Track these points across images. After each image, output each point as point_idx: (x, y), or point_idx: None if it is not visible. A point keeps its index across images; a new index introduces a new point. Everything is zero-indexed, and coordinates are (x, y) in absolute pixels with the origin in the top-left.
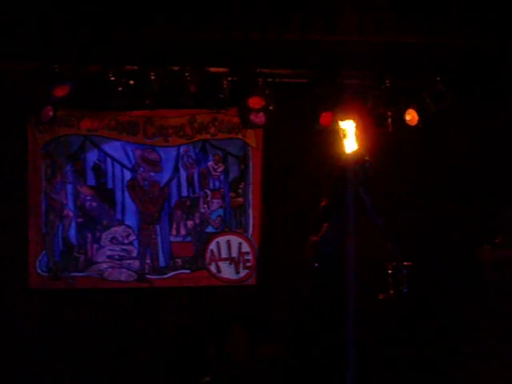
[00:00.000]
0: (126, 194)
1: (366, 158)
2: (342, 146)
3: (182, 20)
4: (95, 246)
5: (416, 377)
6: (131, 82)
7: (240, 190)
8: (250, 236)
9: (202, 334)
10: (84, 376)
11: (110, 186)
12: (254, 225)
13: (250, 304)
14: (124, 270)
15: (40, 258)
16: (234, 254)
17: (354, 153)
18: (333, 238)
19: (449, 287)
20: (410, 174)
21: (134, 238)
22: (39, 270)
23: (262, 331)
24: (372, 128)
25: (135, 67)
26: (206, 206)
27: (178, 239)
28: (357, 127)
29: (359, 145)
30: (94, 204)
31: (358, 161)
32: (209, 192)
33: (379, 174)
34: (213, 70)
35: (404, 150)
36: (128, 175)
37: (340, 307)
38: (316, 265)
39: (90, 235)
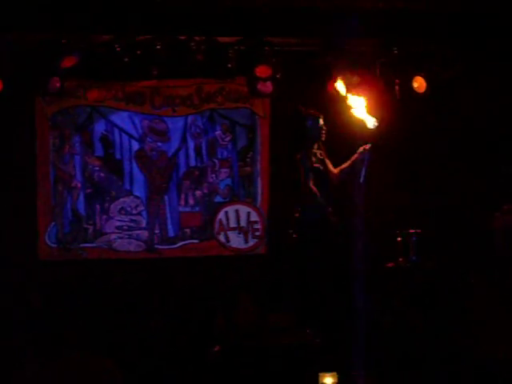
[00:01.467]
0: (134, 165)
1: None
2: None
3: None
4: (104, 216)
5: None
6: (138, 53)
7: (248, 159)
8: (258, 205)
9: (210, 304)
10: (94, 346)
11: (117, 156)
12: (262, 194)
13: (259, 273)
14: (133, 240)
15: (49, 229)
16: (243, 223)
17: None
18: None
19: (458, 255)
20: (418, 141)
21: (143, 208)
22: (48, 242)
23: (271, 300)
24: (381, 96)
25: (142, 37)
26: (214, 175)
27: (187, 209)
28: (368, 101)
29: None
30: (102, 175)
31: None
32: (217, 161)
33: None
34: (220, 39)
35: (413, 116)
36: (136, 146)
37: (349, 276)
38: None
39: (98, 206)
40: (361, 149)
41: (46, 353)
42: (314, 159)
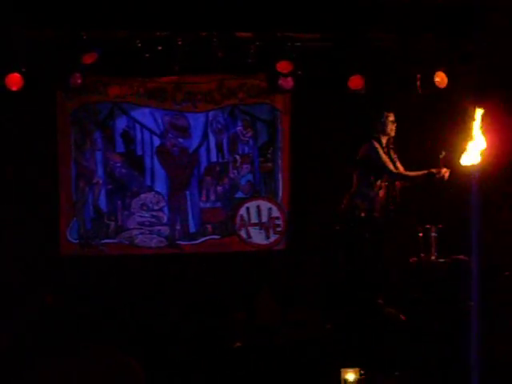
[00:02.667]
0: (156, 161)
1: None
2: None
3: None
4: (125, 212)
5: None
6: (159, 48)
7: (269, 155)
8: (279, 201)
9: (232, 300)
10: (115, 341)
11: (139, 152)
12: (283, 190)
13: (280, 269)
14: (154, 236)
15: (71, 225)
16: (264, 219)
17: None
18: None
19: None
20: (439, 135)
21: (164, 204)
22: (70, 238)
23: (292, 296)
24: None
25: (162, 33)
26: (235, 171)
27: (208, 205)
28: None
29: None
30: (123, 171)
31: None
32: (238, 157)
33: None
34: (240, 34)
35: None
36: (157, 141)
37: (371, 271)
38: (337, 228)
39: (119, 202)
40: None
41: (67, 349)
42: (381, 152)
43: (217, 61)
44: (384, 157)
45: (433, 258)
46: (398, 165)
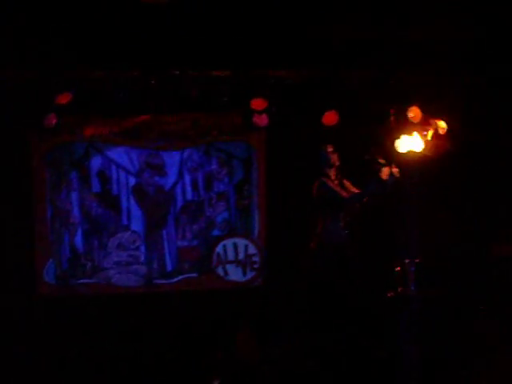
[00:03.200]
0: (132, 200)
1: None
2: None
3: (183, 24)
4: (102, 252)
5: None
6: (133, 88)
7: (245, 192)
8: (256, 238)
9: (210, 337)
10: (93, 381)
11: (115, 192)
12: (259, 226)
13: (258, 306)
14: (131, 275)
15: (47, 266)
16: (241, 256)
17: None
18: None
19: (459, 283)
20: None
21: (141, 243)
22: (47, 278)
23: (270, 332)
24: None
25: (137, 73)
26: (211, 209)
27: (185, 243)
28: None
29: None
30: (99, 210)
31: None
32: (214, 195)
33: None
34: (214, 73)
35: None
36: (133, 181)
37: (347, 306)
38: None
39: (96, 242)
40: (387, 170)
41: None
42: (332, 184)
43: (191, 99)
44: (333, 187)
45: (410, 292)
46: (354, 190)
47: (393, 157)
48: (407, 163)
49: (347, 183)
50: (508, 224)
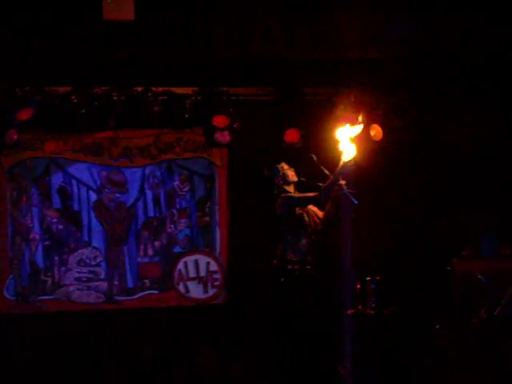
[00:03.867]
0: (93, 216)
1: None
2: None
3: (144, 41)
4: (62, 268)
5: None
6: (95, 104)
7: (207, 209)
8: (217, 255)
9: (172, 354)
10: None
11: (75, 208)
12: (221, 243)
13: (220, 323)
14: (92, 291)
15: (7, 282)
16: (202, 273)
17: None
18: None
19: (418, 300)
20: (376, 186)
21: (102, 259)
22: (7, 295)
23: (231, 350)
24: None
25: (98, 89)
26: (172, 225)
27: (146, 260)
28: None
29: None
30: (60, 226)
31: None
32: (175, 212)
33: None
34: (177, 89)
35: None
36: (94, 197)
37: (310, 322)
38: (282, 280)
39: (57, 258)
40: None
41: None
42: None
43: (153, 115)
44: (298, 194)
45: (368, 310)
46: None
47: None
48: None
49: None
50: (470, 240)
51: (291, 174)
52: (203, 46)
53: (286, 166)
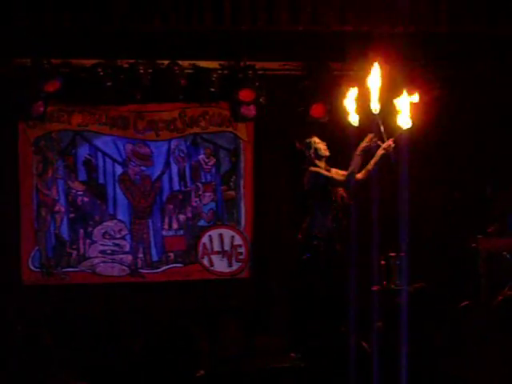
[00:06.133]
0: (118, 189)
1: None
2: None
3: (172, 14)
4: (87, 241)
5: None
6: (121, 77)
7: (231, 183)
8: (242, 229)
9: (195, 328)
10: (77, 370)
11: (101, 180)
12: (246, 218)
13: (244, 297)
14: (116, 264)
15: (33, 254)
16: (227, 247)
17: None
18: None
19: (443, 277)
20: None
21: (127, 232)
22: (32, 267)
23: (255, 324)
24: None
25: (125, 62)
26: (197, 199)
27: (171, 233)
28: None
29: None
30: (85, 199)
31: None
32: (200, 185)
33: None
34: (203, 63)
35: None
36: (119, 170)
37: (334, 298)
38: (305, 256)
39: (82, 230)
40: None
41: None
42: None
43: (179, 89)
44: (327, 173)
45: (393, 286)
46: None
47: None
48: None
49: (335, 171)
50: (496, 217)
51: (323, 148)
52: (230, 18)
53: (317, 140)
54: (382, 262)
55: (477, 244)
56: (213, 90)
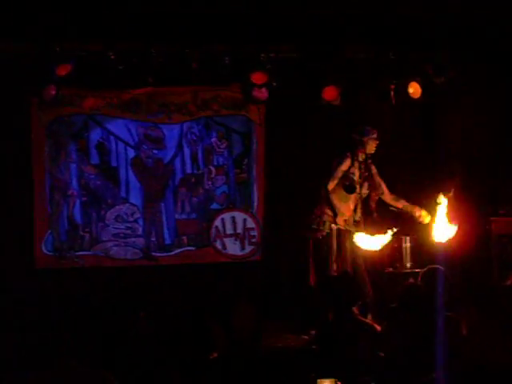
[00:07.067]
0: (130, 172)
1: None
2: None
3: None
4: (100, 224)
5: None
6: (133, 60)
7: (244, 166)
8: (254, 212)
9: (207, 311)
10: (91, 353)
11: (113, 164)
12: (258, 201)
13: (256, 280)
14: (129, 247)
15: (46, 237)
16: (239, 230)
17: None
18: None
19: (455, 258)
20: (414, 145)
21: (139, 215)
22: (45, 250)
23: (268, 306)
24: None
25: (137, 45)
26: (210, 182)
27: (183, 216)
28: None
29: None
30: (98, 182)
31: None
32: (213, 168)
33: None
34: (215, 46)
35: (408, 122)
36: (131, 153)
37: (345, 281)
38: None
39: (94, 214)
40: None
41: (42, 362)
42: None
43: (191, 72)
44: (337, 173)
45: (407, 267)
46: (383, 186)
47: None
48: None
49: (375, 172)
50: (508, 199)
51: (373, 145)
52: (243, 1)
53: (375, 135)
54: (395, 245)
55: (489, 226)
56: (225, 72)
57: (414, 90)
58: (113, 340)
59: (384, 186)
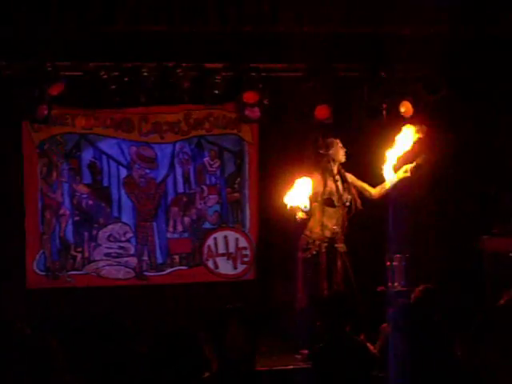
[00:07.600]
0: (123, 192)
1: None
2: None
3: (176, 16)
4: (92, 244)
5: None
6: (125, 79)
7: (236, 186)
8: (247, 231)
9: (200, 331)
10: (82, 374)
11: (105, 183)
12: (250, 220)
13: (249, 299)
14: (121, 267)
15: (37, 257)
16: (232, 249)
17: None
18: None
19: (448, 278)
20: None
21: (131, 235)
22: (37, 270)
23: (261, 326)
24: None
25: (129, 64)
26: (202, 201)
27: (175, 236)
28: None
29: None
30: (90, 202)
31: None
32: (205, 188)
33: None
34: (207, 65)
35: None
36: (124, 172)
37: (338, 300)
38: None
39: (86, 233)
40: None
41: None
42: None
43: (183, 91)
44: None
45: (399, 286)
46: (366, 187)
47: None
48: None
49: (350, 176)
50: (501, 218)
51: (342, 154)
52: (234, 20)
53: (340, 144)
54: (388, 263)
55: (481, 245)
56: (217, 92)
57: (406, 108)
58: (106, 359)
59: (367, 186)
